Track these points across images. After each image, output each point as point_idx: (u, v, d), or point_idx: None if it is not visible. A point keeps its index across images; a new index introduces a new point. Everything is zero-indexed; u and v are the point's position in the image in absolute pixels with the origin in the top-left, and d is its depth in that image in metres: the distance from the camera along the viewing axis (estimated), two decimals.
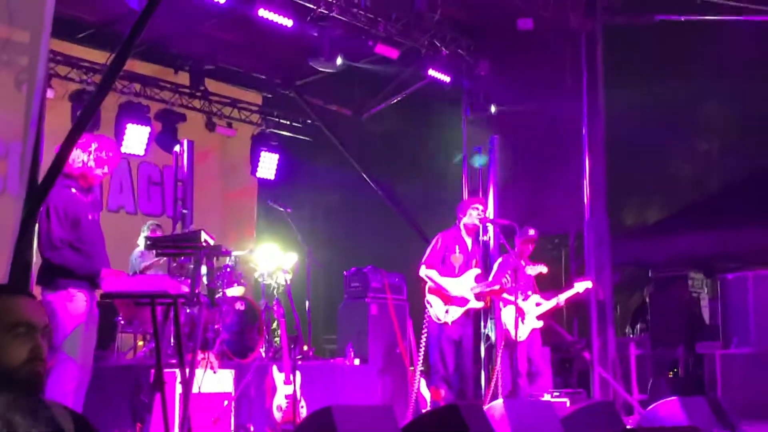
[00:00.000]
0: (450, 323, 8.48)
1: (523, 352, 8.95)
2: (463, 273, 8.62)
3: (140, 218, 11.70)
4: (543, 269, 8.96)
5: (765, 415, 8.80)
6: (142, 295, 5.55)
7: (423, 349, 8.56)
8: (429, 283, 8.59)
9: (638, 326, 13.29)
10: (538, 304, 8.88)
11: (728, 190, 14.61)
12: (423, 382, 8.93)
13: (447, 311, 8.47)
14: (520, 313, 8.92)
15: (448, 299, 8.51)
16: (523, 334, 8.92)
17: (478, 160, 11.32)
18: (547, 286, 9.64)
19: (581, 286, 9.35)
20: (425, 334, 8.53)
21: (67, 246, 5.78)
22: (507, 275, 8.92)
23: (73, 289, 5.75)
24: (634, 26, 11.71)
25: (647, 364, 11.68)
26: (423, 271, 8.62)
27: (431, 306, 8.53)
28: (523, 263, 8.95)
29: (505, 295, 8.85)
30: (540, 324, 8.92)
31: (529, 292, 9.11)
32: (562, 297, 9.27)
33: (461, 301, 8.52)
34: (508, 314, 8.97)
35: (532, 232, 9.18)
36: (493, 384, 8.80)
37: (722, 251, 12.97)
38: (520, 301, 8.86)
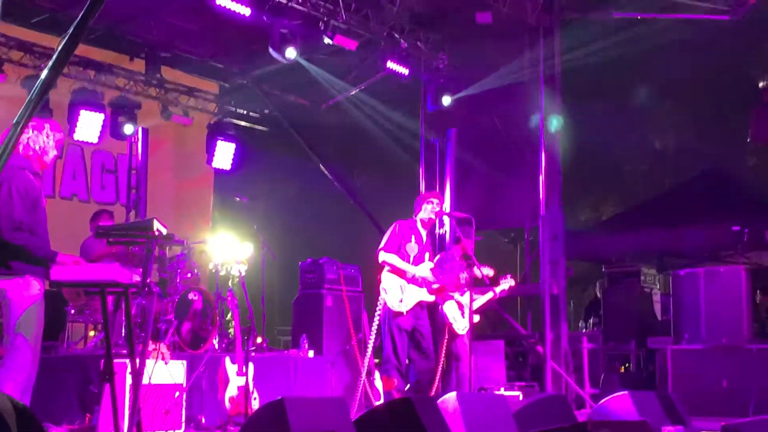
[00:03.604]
0: (404, 312, 8.46)
1: (465, 344, 9.03)
2: (417, 264, 8.62)
3: (93, 206, 11.53)
4: (490, 272, 8.93)
5: (715, 411, 8.90)
6: (92, 284, 5.45)
7: (374, 334, 8.48)
8: (387, 268, 8.53)
9: (591, 321, 13.40)
10: (473, 300, 8.84)
11: (682, 187, 14.78)
12: (377, 375, 8.91)
13: (401, 300, 8.44)
14: (460, 307, 9.04)
15: (408, 280, 8.50)
16: (464, 327, 8.99)
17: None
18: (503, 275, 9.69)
19: (506, 283, 9.52)
20: (377, 320, 8.45)
21: (27, 229, 5.67)
22: (465, 272, 8.96)
23: (29, 276, 5.64)
24: (591, 22, 11.76)
25: (599, 358, 11.77)
26: (382, 256, 8.55)
27: (386, 293, 8.47)
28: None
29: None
30: (477, 318, 8.95)
31: (465, 288, 9.14)
32: (491, 294, 9.44)
33: (420, 284, 8.52)
34: (450, 308, 9.05)
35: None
36: (438, 377, 8.80)
37: (675, 247, 13.11)
38: (457, 296, 9.04)
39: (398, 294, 8.47)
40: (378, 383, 8.90)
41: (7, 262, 5.63)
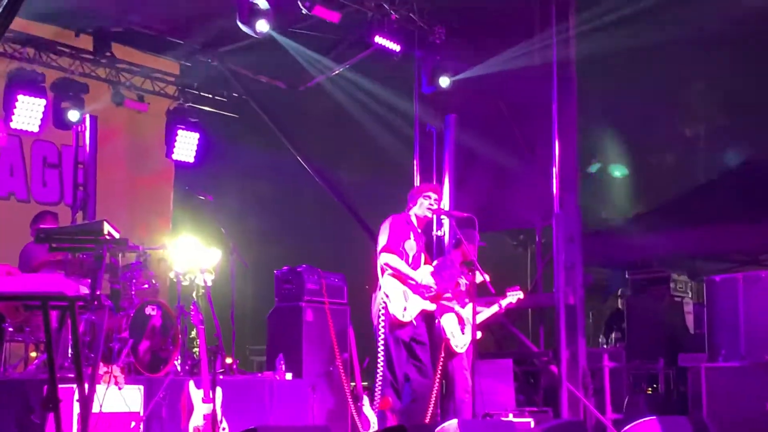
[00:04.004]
0: (407, 322, 8.40)
1: (462, 365, 9.00)
2: (416, 265, 8.60)
3: (34, 206, 11.50)
4: (487, 278, 8.90)
5: None
6: (33, 297, 5.40)
7: (381, 352, 8.38)
8: (388, 271, 8.47)
9: (613, 335, 13.42)
10: (476, 313, 8.76)
11: (717, 181, 14.76)
12: (366, 400, 8.88)
13: (405, 308, 8.37)
14: (460, 322, 9.03)
15: (413, 288, 8.47)
16: (463, 344, 8.95)
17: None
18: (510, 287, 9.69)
19: (513, 296, 9.57)
20: (382, 333, 8.35)
21: None
22: (463, 278, 8.93)
23: None
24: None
25: (623, 378, 11.77)
26: (384, 258, 8.48)
27: (390, 300, 8.41)
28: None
29: (442, 301, 8.87)
30: (479, 335, 8.91)
31: (467, 299, 9.10)
32: (497, 307, 9.46)
33: (426, 291, 8.50)
34: (448, 321, 9.01)
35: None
36: (433, 400, 8.76)
37: (709, 250, 13.10)
38: (457, 307, 9.05)
39: (401, 302, 8.40)
40: (367, 409, 8.86)
41: None
